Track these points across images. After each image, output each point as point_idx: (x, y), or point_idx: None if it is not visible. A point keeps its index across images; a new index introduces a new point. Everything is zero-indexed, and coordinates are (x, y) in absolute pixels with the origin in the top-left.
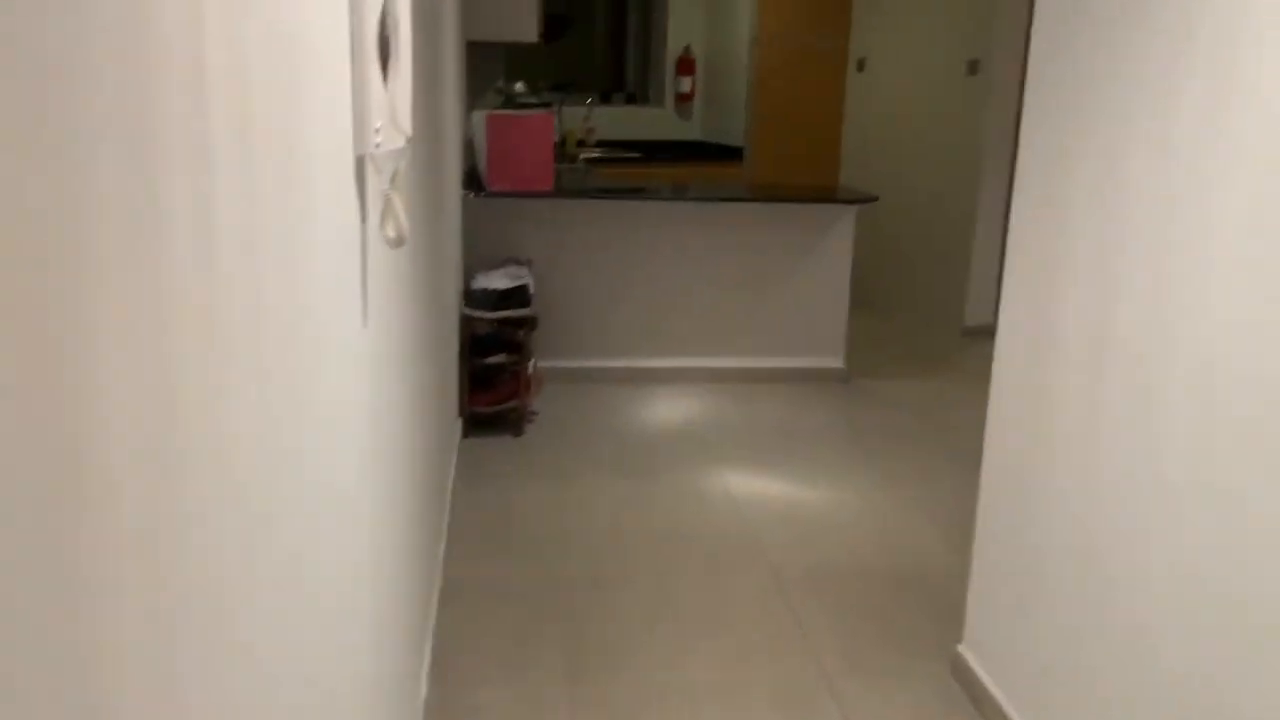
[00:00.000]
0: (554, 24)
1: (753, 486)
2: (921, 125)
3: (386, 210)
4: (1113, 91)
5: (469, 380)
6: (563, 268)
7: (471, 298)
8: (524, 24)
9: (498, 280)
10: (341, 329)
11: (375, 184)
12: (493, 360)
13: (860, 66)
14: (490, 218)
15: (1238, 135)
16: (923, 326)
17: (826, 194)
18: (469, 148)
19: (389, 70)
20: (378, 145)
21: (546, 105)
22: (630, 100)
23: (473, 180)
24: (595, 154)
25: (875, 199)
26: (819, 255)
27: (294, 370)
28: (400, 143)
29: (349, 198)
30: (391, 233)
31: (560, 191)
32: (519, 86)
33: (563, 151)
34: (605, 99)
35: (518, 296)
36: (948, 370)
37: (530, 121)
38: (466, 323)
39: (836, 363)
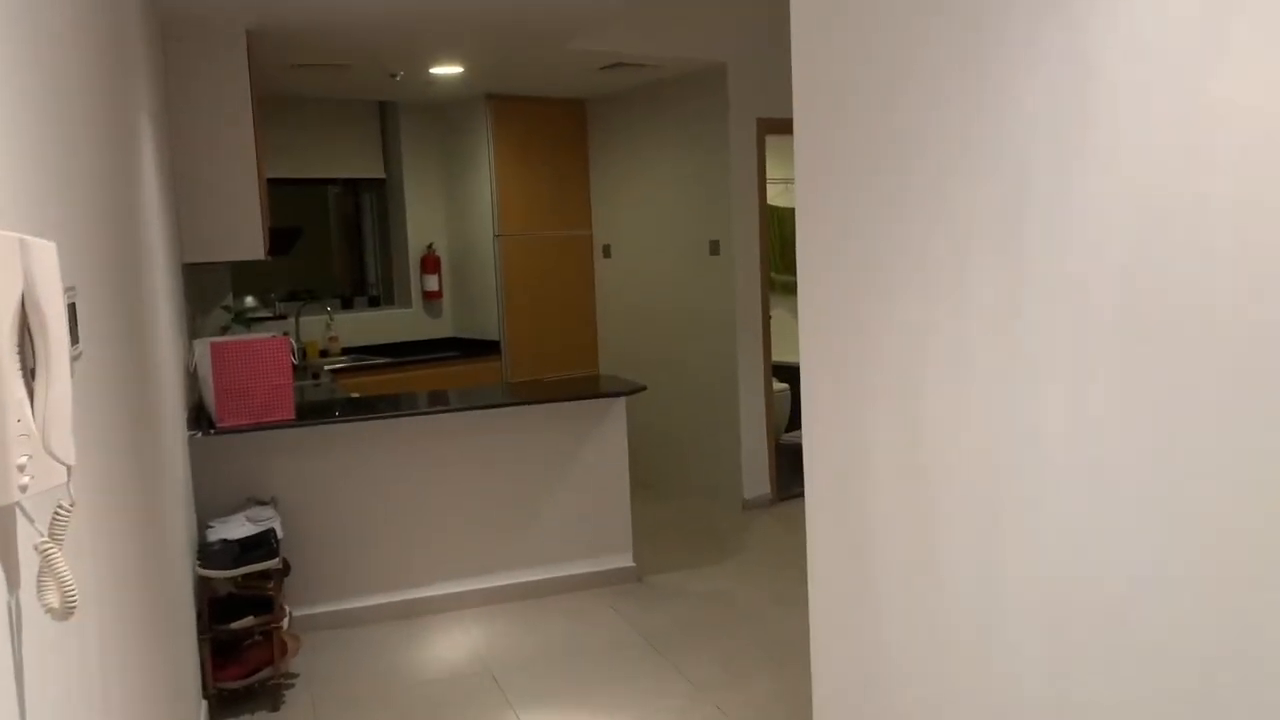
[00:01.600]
0: (282, 237)
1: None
2: (673, 304)
3: (45, 572)
4: (852, 271)
5: (210, 653)
6: (313, 501)
7: (207, 555)
8: (248, 242)
9: (236, 528)
10: None
11: (29, 537)
12: (239, 625)
13: (606, 253)
14: (224, 456)
15: (978, 280)
16: (704, 505)
17: (594, 388)
18: (193, 379)
19: (37, 379)
20: (24, 488)
21: (281, 318)
22: (374, 303)
23: (200, 417)
24: (340, 363)
25: (643, 388)
26: (594, 452)
27: None
28: (60, 477)
29: None
30: (54, 602)
31: (303, 416)
32: (249, 301)
33: (304, 366)
34: (347, 304)
35: (263, 545)
36: (735, 549)
37: (261, 345)
38: (203, 585)
39: (626, 561)
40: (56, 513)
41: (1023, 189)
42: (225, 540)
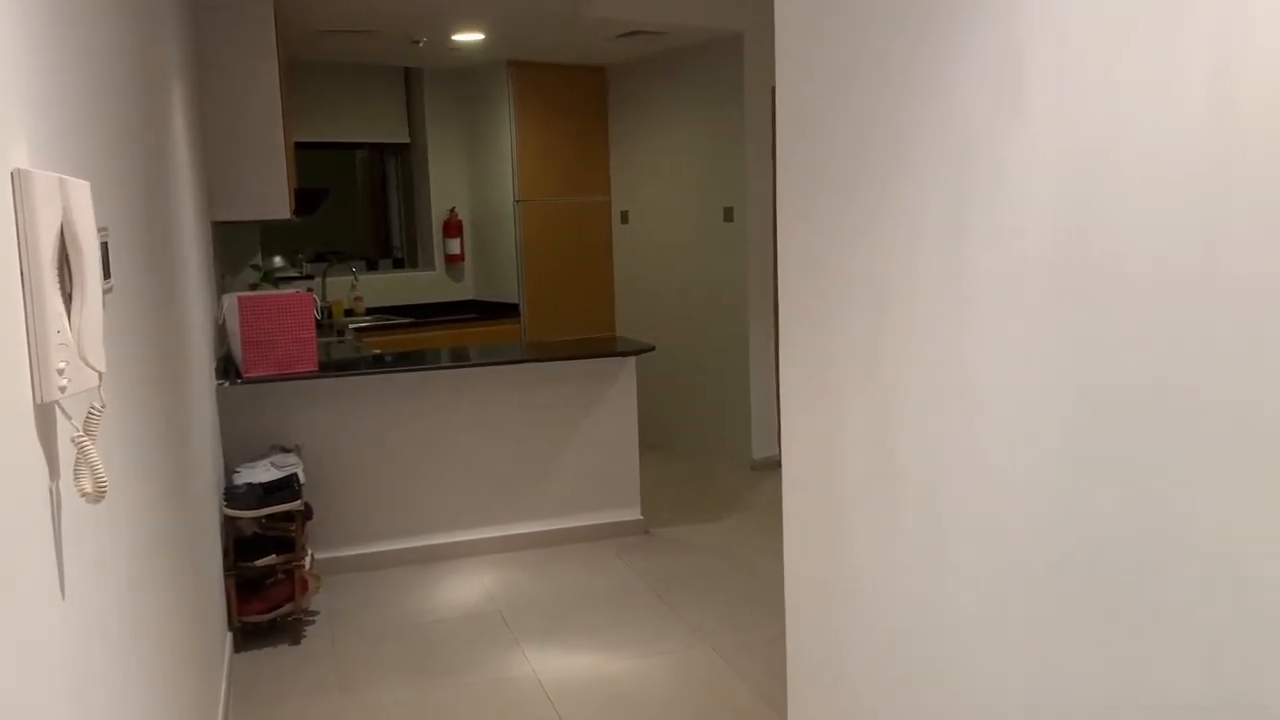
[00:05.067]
0: (309, 197)
1: (562, 667)
2: (688, 270)
3: (80, 462)
4: (841, 237)
5: (236, 588)
6: (336, 450)
7: (233, 496)
8: (275, 201)
9: (262, 473)
10: (25, 607)
11: (67, 432)
12: (262, 562)
13: (624, 219)
14: (251, 406)
15: (974, 271)
16: (713, 465)
17: (605, 347)
18: (222, 333)
19: (73, 299)
20: (63, 389)
21: (308, 278)
22: (398, 265)
23: (228, 368)
24: (364, 322)
25: (652, 348)
26: (604, 409)
27: None
28: (92, 381)
29: (31, 455)
30: (88, 487)
31: (327, 369)
32: (277, 261)
33: (329, 324)
34: (372, 266)
35: (286, 488)
36: (741, 507)
37: (286, 300)
38: (229, 525)
39: (634, 515)
40: (90, 412)
41: (967, 157)
42: (250, 484)
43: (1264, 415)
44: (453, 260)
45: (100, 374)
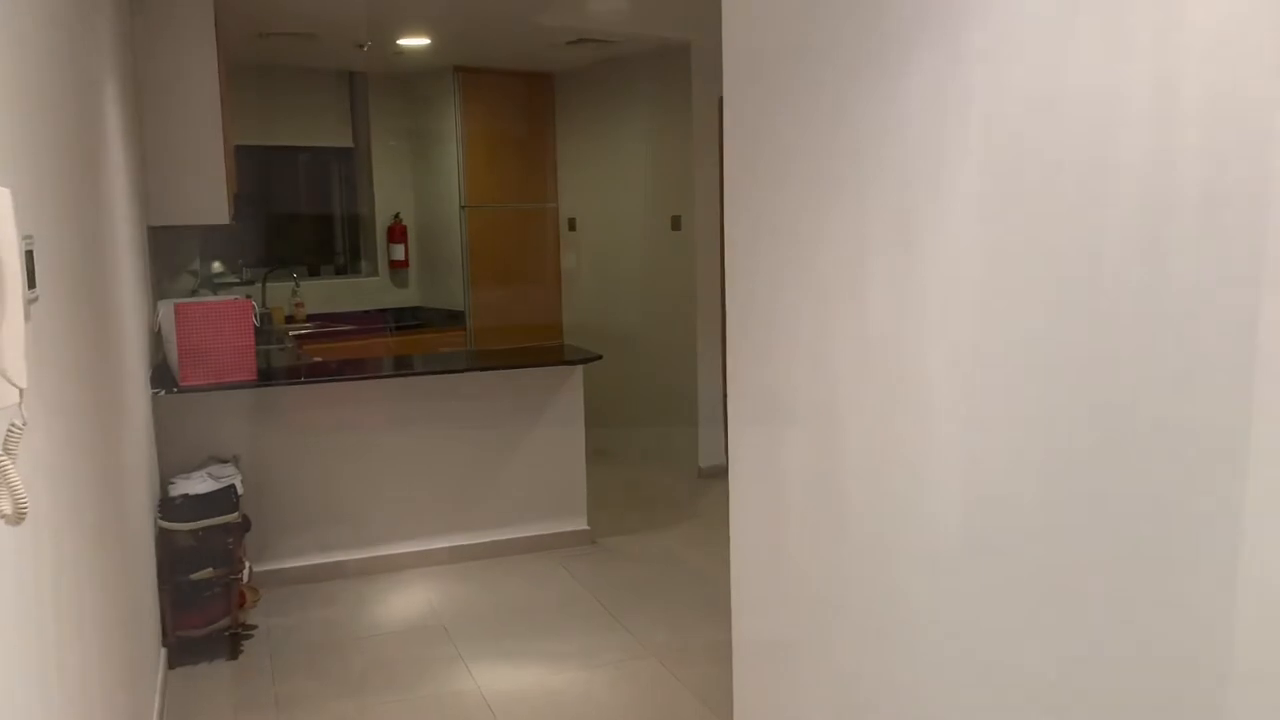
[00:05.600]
0: (247, 202)
1: (506, 680)
2: (635, 278)
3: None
4: (793, 243)
5: (171, 603)
6: (275, 460)
7: (168, 508)
8: (212, 206)
9: (198, 484)
10: None
11: None
12: (198, 576)
13: (572, 226)
14: (187, 415)
15: (922, 279)
16: (661, 472)
17: (552, 356)
18: (158, 340)
19: None
20: None
21: (248, 284)
22: (341, 272)
23: (163, 376)
24: (305, 329)
25: (599, 357)
26: (551, 419)
27: None
28: (12, 398)
29: None
30: (7, 509)
31: (265, 378)
32: (216, 266)
33: (269, 330)
34: (314, 272)
35: (222, 500)
36: (689, 515)
37: (224, 307)
38: (164, 537)
39: (580, 524)
40: (10, 430)
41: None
42: (186, 495)
43: (1198, 427)
44: (397, 266)
45: (21, 390)
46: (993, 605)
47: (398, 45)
